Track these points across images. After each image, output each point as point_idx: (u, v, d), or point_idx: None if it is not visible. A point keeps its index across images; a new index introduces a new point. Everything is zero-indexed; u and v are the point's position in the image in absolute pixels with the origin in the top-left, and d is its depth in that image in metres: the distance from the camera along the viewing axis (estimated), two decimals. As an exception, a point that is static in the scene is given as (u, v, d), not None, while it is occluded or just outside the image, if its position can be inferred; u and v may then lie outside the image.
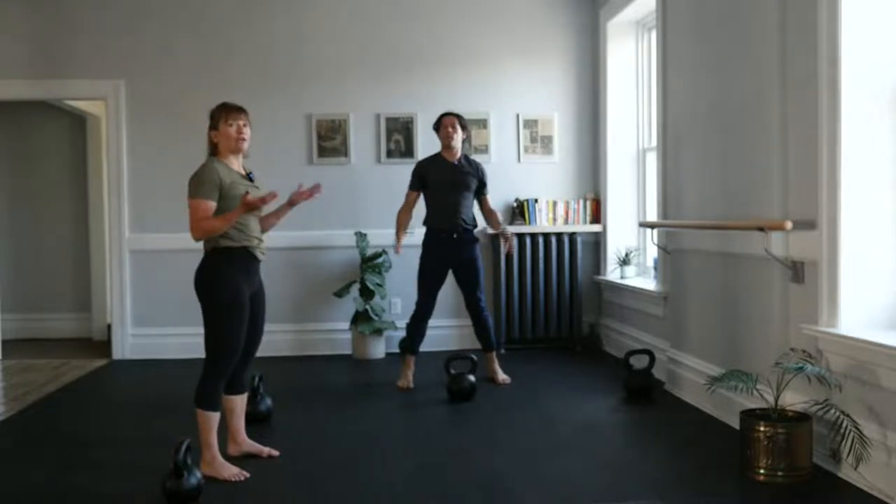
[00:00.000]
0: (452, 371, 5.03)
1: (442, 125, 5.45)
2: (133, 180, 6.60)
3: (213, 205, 3.61)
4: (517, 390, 5.31)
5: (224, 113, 3.73)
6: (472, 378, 5.02)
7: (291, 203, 4.03)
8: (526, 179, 6.82)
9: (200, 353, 5.43)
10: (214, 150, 3.77)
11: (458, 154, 5.46)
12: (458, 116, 5.48)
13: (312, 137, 6.69)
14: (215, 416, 3.68)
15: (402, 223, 5.53)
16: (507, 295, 6.66)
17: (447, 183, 5.39)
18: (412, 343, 5.47)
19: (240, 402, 3.94)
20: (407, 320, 5.62)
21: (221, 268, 3.66)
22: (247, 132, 3.77)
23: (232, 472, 3.63)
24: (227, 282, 3.64)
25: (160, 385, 5.66)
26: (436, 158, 5.50)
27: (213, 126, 3.75)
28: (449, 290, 6.04)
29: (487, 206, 5.65)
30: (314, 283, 6.69)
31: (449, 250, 5.40)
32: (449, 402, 4.99)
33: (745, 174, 4.25)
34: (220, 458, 3.68)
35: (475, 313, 5.50)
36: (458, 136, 5.42)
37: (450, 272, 5.51)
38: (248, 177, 3.86)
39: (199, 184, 3.62)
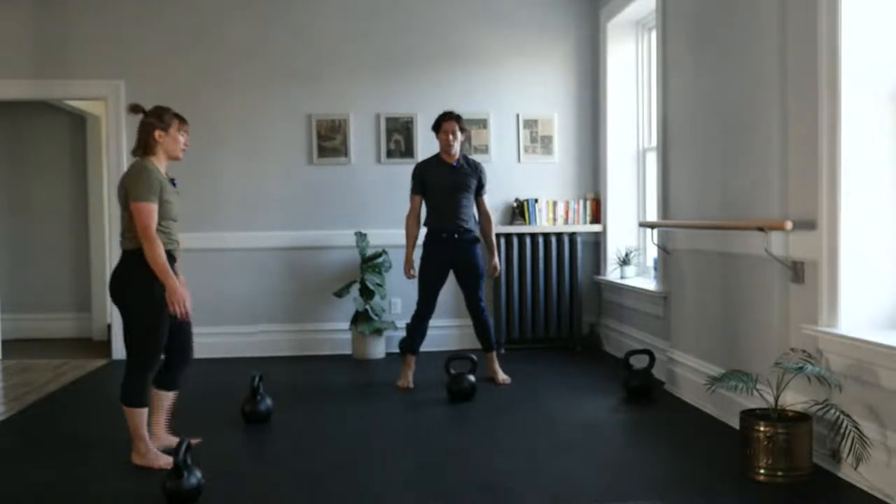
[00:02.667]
0: (452, 371, 5.04)
1: (441, 130, 5.42)
2: (133, 180, 6.59)
3: (156, 207, 3.71)
4: (517, 390, 5.31)
5: (179, 122, 3.90)
6: (472, 378, 5.03)
7: None
8: (526, 179, 6.82)
9: (199, 354, 5.45)
10: (150, 149, 3.83)
11: (458, 155, 5.46)
12: (458, 119, 5.45)
13: (312, 137, 6.69)
14: (145, 412, 3.80)
15: (411, 235, 5.48)
16: (507, 295, 6.66)
17: (446, 185, 5.38)
18: (412, 343, 5.47)
19: (171, 398, 4.08)
20: (407, 320, 5.63)
21: (147, 269, 3.70)
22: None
23: (165, 461, 3.71)
24: (154, 282, 3.70)
25: (160, 385, 5.66)
26: (435, 160, 5.49)
27: (164, 127, 3.83)
28: (449, 290, 6.04)
29: (484, 208, 5.62)
30: (314, 283, 6.68)
31: (449, 251, 5.40)
32: (449, 402, 4.99)
33: (745, 174, 4.25)
34: (153, 449, 3.81)
35: (475, 313, 5.50)
36: (458, 141, 5.42)
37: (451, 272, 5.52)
38: (172, 182, 3.96)
39: (147, 188, 3.69)
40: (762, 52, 4.04)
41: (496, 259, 5.64)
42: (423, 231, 5.53)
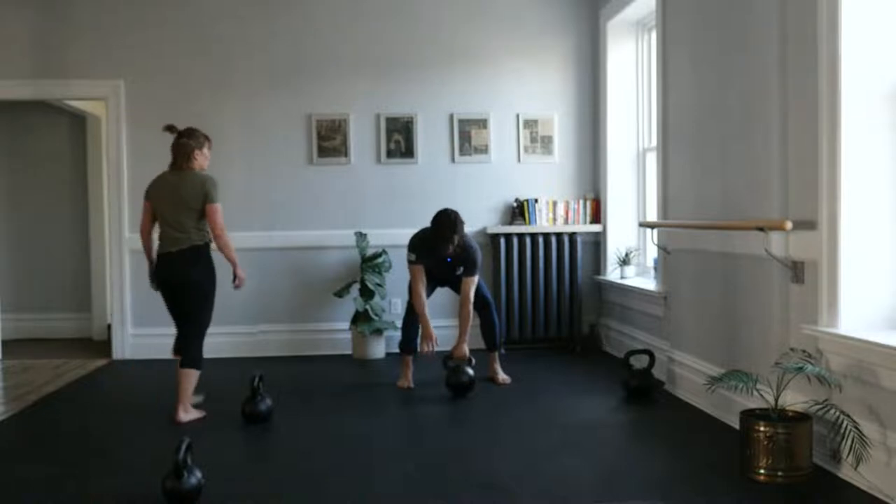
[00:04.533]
0: (451, 364, 5.09)
1: (436, 248, 5.17)
2: (133, 180, 6.59)
3: None
4: (517, 390, 5.30)
5: (210, 143, 4.81)
6: (470, 372, 5.08)
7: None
8: (526, 179, 6.82)
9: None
10: (191, 164, 4.67)
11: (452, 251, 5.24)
12: (454, 234, 5.10)
13: (312, 137, 6.69)
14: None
15: (424, 313, 5.31)
16: (507, 295, 6.65)
17: (436, 268, 5.39)
18: (408, 343, 5.48)
19: None
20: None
21: (211, 258, 4.65)
22: None
23: (198, 413, 4.67)
24: (213, 268, 4.67)
25: (160, 385, 5.66)
26: (431, 245, 5.25)
27: (200, 147, 4.72)
28: (449, 291, 6.03)
29: (465, 288, 5.30)
30: (314, 283, 6.69)
31: (440, 266, 5.41)
32: (449, 400, 5.00)
33: (745, 174, 4.25)
34: (191, 407, 4.67)
35: (481, 311, 5.52)
36: (452, 248, 5.19)
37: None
38: None
39: (218, 192, 4.63)
40: (762, 51, 4.04)
41: (464, 345, 5.26)
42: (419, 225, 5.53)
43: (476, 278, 5.36)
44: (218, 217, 4.58)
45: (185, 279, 4.61)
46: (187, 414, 4.59)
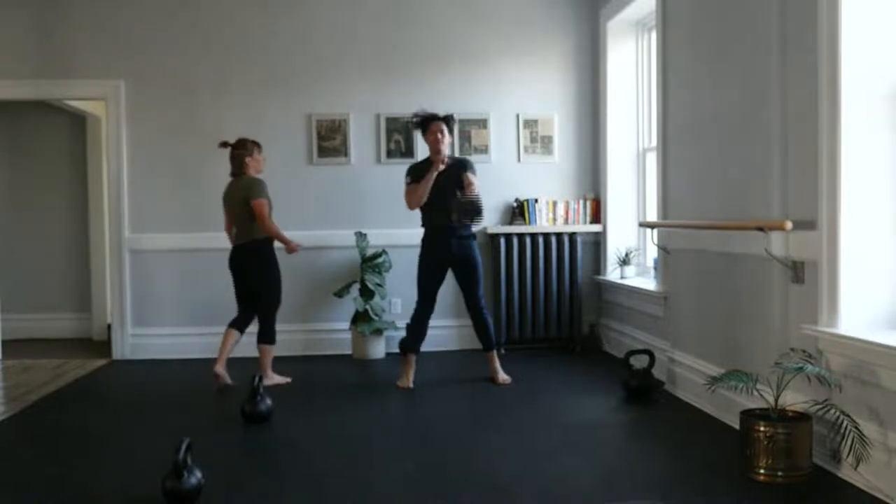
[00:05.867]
0: (460, 198, 5.45)
1: (429, 131, 5.40)
2: (133, 180, 6.60)
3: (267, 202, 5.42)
4: (517, 390, 5.30)
5: (258, 148, 5.57)
6: (477, 200, 5.48)
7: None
8: (526, 179, 6.81)
9: (200, 353, 5.53)
10: (245, 170, 5.47)
11: (446, 158, 5.38)
12: (445, 120, 5.43)
13: (312, 137, 6.69)
14: (274, 348, 5.55)
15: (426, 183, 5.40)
16: (507, 295, 6.65)
17: (435, 187, 5.37)
18: (413, 343, 5.47)
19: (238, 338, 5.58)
20: (407, 320, 5.62)
21: (271, 248, 5.49)
22: None
23: (281, 379, 5.58)
24: (274, 256, 5.50)
25: (160, 385, 5.67)
26: (427, 163, 5.44)
27: (250, 154, 5.48)
28: (449, 291, 6.04)
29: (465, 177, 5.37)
30: (314, 283, 6.68)
31: (446, 249, 5.39)
32: (449, 400, 4.99)
33: (745, 174, 4.25)
34: (273, 375, 5.53)
35: (474, 312, 5.51)
36: (447, 142, 5.40)
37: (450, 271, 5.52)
38: None
39: (262, 190, 5.39)
40: (762, 51, 4.04)
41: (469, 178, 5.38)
42: (421, 230, 5.53)
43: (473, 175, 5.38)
44: (259, 209, 5.34)
45: (246, 268, 5.47)
46: (271, 380, 5.42)
